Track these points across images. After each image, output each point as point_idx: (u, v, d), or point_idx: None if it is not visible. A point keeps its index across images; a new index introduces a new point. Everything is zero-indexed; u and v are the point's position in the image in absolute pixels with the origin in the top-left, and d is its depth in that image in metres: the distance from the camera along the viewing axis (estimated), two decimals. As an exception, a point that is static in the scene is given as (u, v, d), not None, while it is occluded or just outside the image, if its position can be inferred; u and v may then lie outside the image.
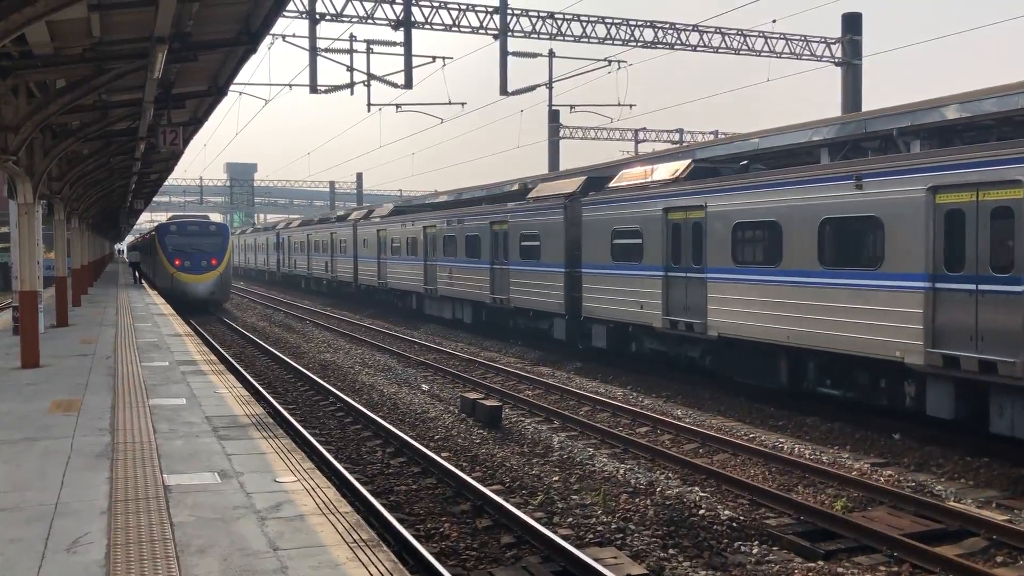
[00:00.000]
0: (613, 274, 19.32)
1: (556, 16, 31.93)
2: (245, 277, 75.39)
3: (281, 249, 58.27)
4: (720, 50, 33.87)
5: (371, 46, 29.25)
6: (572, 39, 32.28)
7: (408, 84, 28.78)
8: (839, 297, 13.30)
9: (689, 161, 18.57)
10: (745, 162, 17.47)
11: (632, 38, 32.79)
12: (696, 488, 10.49)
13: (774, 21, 34.14)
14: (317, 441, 12.57)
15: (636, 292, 18.46)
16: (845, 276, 13.25)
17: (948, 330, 11.72)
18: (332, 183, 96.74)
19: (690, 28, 33.45)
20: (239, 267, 77.76)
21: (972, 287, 11.54)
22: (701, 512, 9.48)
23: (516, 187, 28.42)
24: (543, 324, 23.15)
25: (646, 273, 18.19)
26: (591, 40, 32.49)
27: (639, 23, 32.89)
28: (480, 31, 30.63)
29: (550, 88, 39.72)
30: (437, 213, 30.55)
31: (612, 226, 19.29)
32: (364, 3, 28.37)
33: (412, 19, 28.80)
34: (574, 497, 10.12)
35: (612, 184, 20.19)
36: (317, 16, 28.00)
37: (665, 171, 18.64)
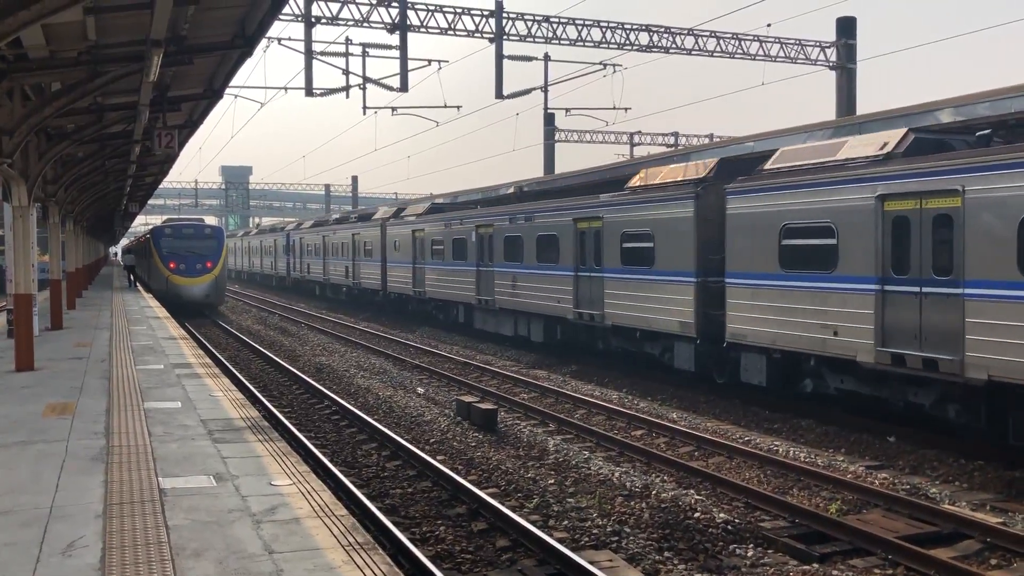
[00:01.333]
0: (783, 287, 14.48)
1: (551, 20, 31.97)
2: (249, 282, 71.75)
3: (292, 252, 52.84)
4: (715, 54, 33.94)
5: (367, 49, 29.29)
6: (567, 43, 32.32)
7: (404, 87, 28.81)
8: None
9: (904, 130, 13.76)
10: (988, 131, 12.84)
11: (627, 42, 32.84)
12: (692, 491, 10.49)
13: (769, 25, 34.32)
14: (312, 444, 12.56)
15: (825, 312, 13.64)
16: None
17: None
18: (327, 186, 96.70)
19: (685, 32, 33.52)
20: (242, 271, 73.67)
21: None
22: (697, 515, 9.48)
23: (593, 177, 24.47)
24: (652, 348, 18.22)
25: (842, 286, 13.39)
26: (586, 44, 32.54)
27: (634, 27, 32.94)
28: (476, 34, 30.66)
29: (545, 91, 39.79)
30: (495, 210, 25.70)
31: (782, 221, 14.53)
32: (360, 7, 28.39)
33: (408, 22, 28.83)
34: (570, 500, 10.12)
35: (772, 166, 15.30)
36: (313, 19, 28.01)
37: (866, 145, 13.87)
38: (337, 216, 50.35)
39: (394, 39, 28.88)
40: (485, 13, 30.81)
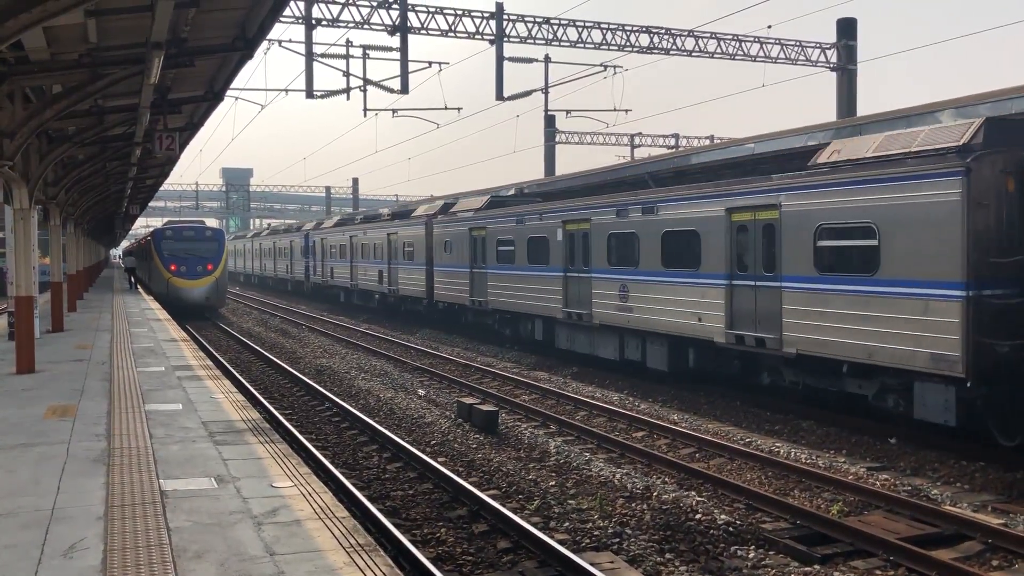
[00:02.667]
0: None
1: (552, 21, 31.99)
2: (261, 287, 66.76)
3: (312, 255, 47.46)
4: (715, 55, 33.96)
5: (367, 51, 29.33)
6: (568, 44, 32.35)
7: (404, 89, 28.84)
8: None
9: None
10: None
11: (628, 43, 32.87)
12: (692, 492, 10.49)
13: (769, 27, 34.29)
14: (314, 446, 12.56)
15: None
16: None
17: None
18: (328, 188, 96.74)
19: (685, 33, 33.54)
20: (252, 275, 69.17)
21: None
22: (697, 516, 9.48)
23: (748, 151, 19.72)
24: (865, 387, 13.36)
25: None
26: (587, 45, 32.57)
27: (635, 28, 32.96)
28: (476, 36, 30.68)
29: (546, 93, 39.82)
30: (592, 201, 20.30)
31: None
32: (360, 8, 28.42)
33: (408, 24, 28.86)
34: (571, 502, 10.12)
35: None
36: (313, 21, 28.04)
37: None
38: (363, 215, 45.24)
39: (395, 41, 28.92)
40: (486, 15, 30.85)
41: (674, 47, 33.37)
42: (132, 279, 43.26)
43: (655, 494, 10.39)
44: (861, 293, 12.83)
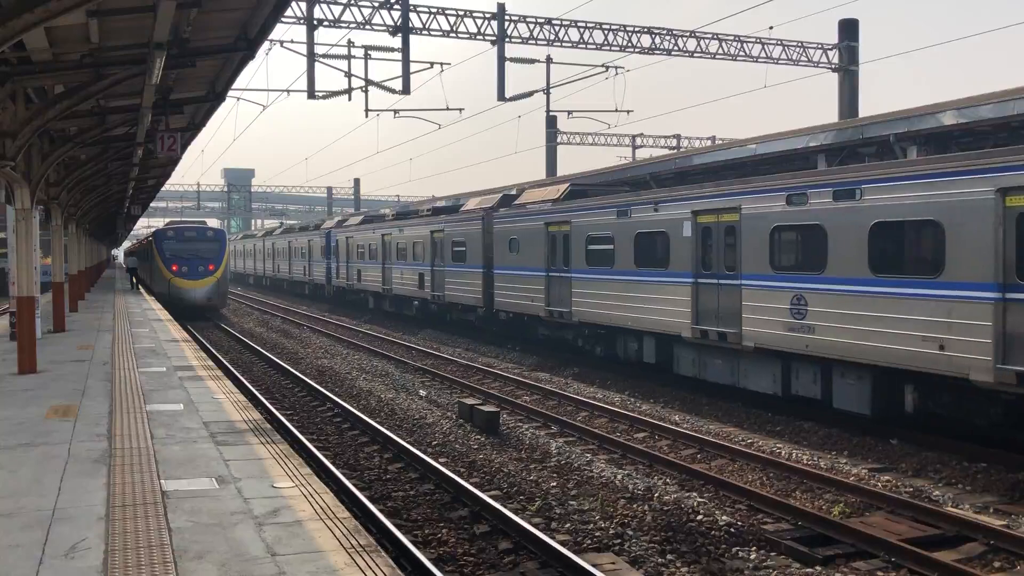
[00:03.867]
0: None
1: (554, 22, 32.00)
2: (273, 290, 61.69)
3: (334, 255, 42.83)
4: (717, 56, 33.96)
5: (369, 52, 29.36)
6: (570, 45, 32.37)
7: (406, 90, 28.86)
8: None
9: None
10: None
11: (629, 44, 32.87)
12: (694, 494, 10.48)
13: (771, 27, 34.29)
14: (315, 447, 12.56)
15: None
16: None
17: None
18: (330, 188, 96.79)
19: (687, 34, 33.54)
20: (264, 277, 64.07)
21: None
22: (699, 518, 9.47)
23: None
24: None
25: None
26: (589, 46, 32.58)
27: (636, 29, 32.97)
28: (478, 37, 30.69)
29: (547, 94, 39.83)
30: (745, 186, 15.33)
31: None
32: (362, 9, 28.43)
33: (410, 25, 28.87)
34: (572, 503, 10.11)
35: None
36: (315, 22, 28.06)
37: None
38: (396, 211, 40.08)
39: (396, 42, 28.94)
40: (487, 15, 30.87)
41: (676, 48, 33.37)
42: (133, 279, 43.29)
43: (656, 495, 10.38)
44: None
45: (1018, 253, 10.77)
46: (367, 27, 28.55)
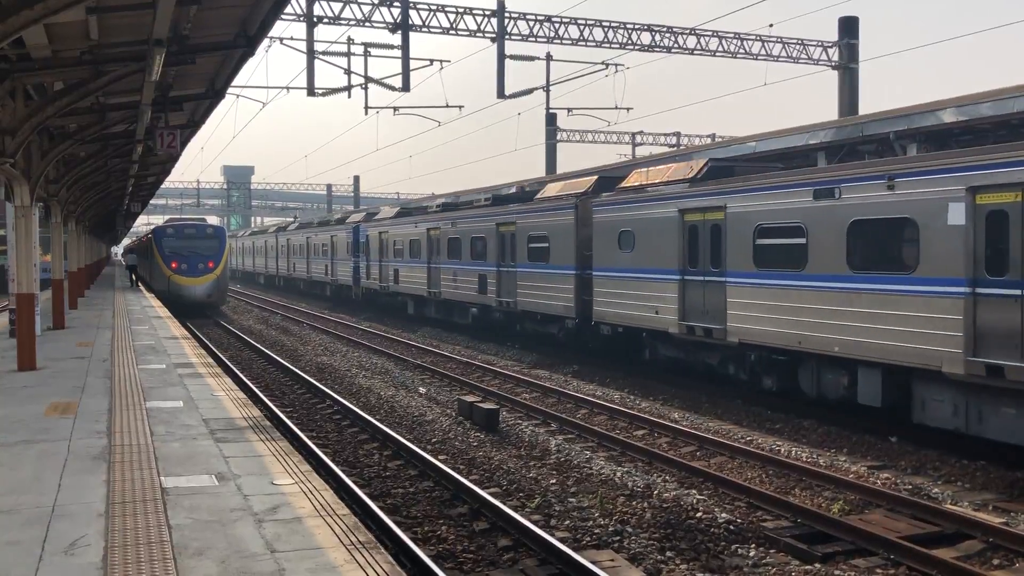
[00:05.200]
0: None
1: (553, 19, 31.98)
2: (287, 290, 56.48)
3: (364, 253, 37.90)
4: (717, 53, 33.94)
5: (369, 49, 29.33)
6: (569, 42, 32.34)
7: (406, 87, 28.83)
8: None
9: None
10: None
11: (629, 41, 32.85)
12: (693, 491, 10.49)
13: (771, 25, 34.28)
14: (314, 444, 12.57)
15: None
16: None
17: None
18: (329, 186, 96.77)
19: (687, 32, 33.52)
20: (276, 277, 59.21)
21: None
22: (698, 515, 9.48)
23: None
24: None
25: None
26: (588, 43, 32.56)
27: (636, 26, 32.94)
28: (478, 34, 30.67)
29: (547, 91, 39.83)
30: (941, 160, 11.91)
31: None
32: (362, 6, 28.41)
33: (410, 22, 28.85)
34: (571, 500, 10.12)
35: None
36: (315, 19, 28.03)
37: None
38: (442, 201, 34.05)
39: (396, 39, 28.91)
40: (487, 13, 30.84)
41: (676, 45, 33.35)
42: (133, 276, 43.29)
43: (656, 492, 10.39)
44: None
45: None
46: (367, 24, 28.52)
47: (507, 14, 31.09)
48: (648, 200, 17.99)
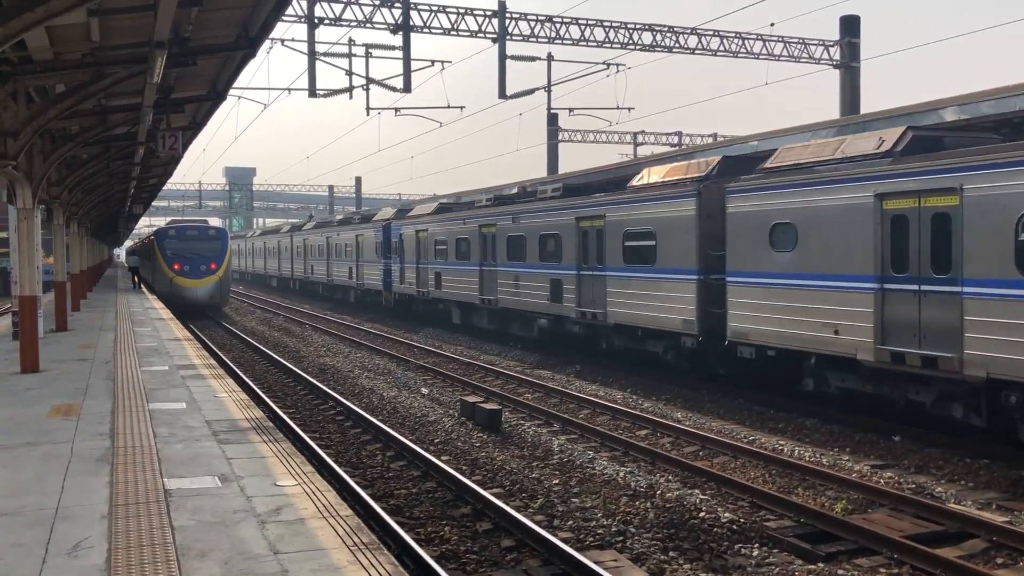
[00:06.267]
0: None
1: (555, 19, 31.99)
2: (303, 295, 51.65)
3: (396, 255, 33.51)
4: (718, 53, 33.93)
5: (370, 50, 29.36)
6: (571, 42, 32.36)
7: (407, 88, 28.85)
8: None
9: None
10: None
11: (631, 41, 32.85)
12: (696, 491, 10.48)
13: (772, 24, 34.27)
14: (317, 445, 12.57)
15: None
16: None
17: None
18: (331, 187, 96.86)
19: (688, 31, 33.51)
20: (291, 280, 54.42)
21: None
22: (701, 515, 9.47)
23: None
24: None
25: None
26: (590, 43, 32.57)
27: (637, 26, 32.95)
28: (479, 35, 30.68)
29: (549, 91, 39.83)
30: None
31: None
32: (363, 7, 28.43)
33: (411, 23, 28.86)
34: (574, 500, 10.11)
35: None
36: (316, 20, 28.06)
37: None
38: (497, 193, 29.31)
39: (397, 40, 28.95)
40: (488, 13, 30.85)
41: (677, 45, 33.35)
42: (135, 278, 43.33)
43: (659, 492, 10.38)
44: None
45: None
46: (368, 25, 28.54)
47: (508, 15, 31.11)
48: (819, 183, 13.65)
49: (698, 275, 16.46)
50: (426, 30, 29.61)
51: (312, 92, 29.43)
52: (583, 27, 32.33)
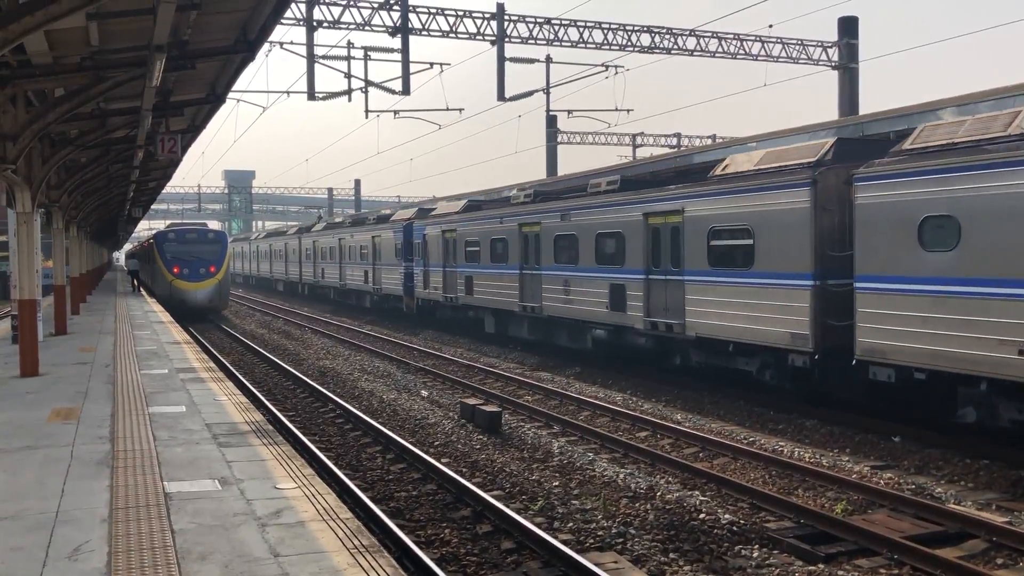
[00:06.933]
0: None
1: (553, 21, 32.02)
2: (312, 300, 48.80)
3: (422, 257, 30.84)
4: (717, 54, 33.97)
5: (369, 53, 29.41)
6: (569, 44, 32.40)
7: (406, 90, 28.90)
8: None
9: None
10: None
11: (629, 43, 32.88)
12: (696, 492, 10.49)
13: (771, 26, 34.31)
14: (317, 448, 12.58)
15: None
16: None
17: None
18: (330, 190, 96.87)
19: (687, 33, 33.54)
20: (299, 283, 51.70)
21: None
22: (701, 516, 9.48)
23: None
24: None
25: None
26: (588, 45, 32.60)
27: (636, 28, 32.98)
28: (477, 37, 30.72)
29: (547, 93, 39.85)
30: None
31: None
32: (361, 10, 28.46)
33: (409, 26, 28.90)
34: (574, 502, 10.12)
35: None
36: (315, 23, 28.09)
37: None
38: (537, 188, 26.21)
39: (396, 42, 29.00)
40: (487, 16, 30.89)
41: (675, 47, 33.38)
42: (135, 282, 43.33)
43: (659, 494, 10.39)
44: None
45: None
46: (367, 28, 28.58)
47: (507, 17, 31.14)
48: (992, 166, 11.03)
49: (813, 280, 13.79)
50: (425, 32, 29.65)
51: (311, 95, 29.48)
52: (582, 29, 32.37)
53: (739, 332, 15.24)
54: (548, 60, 37.45)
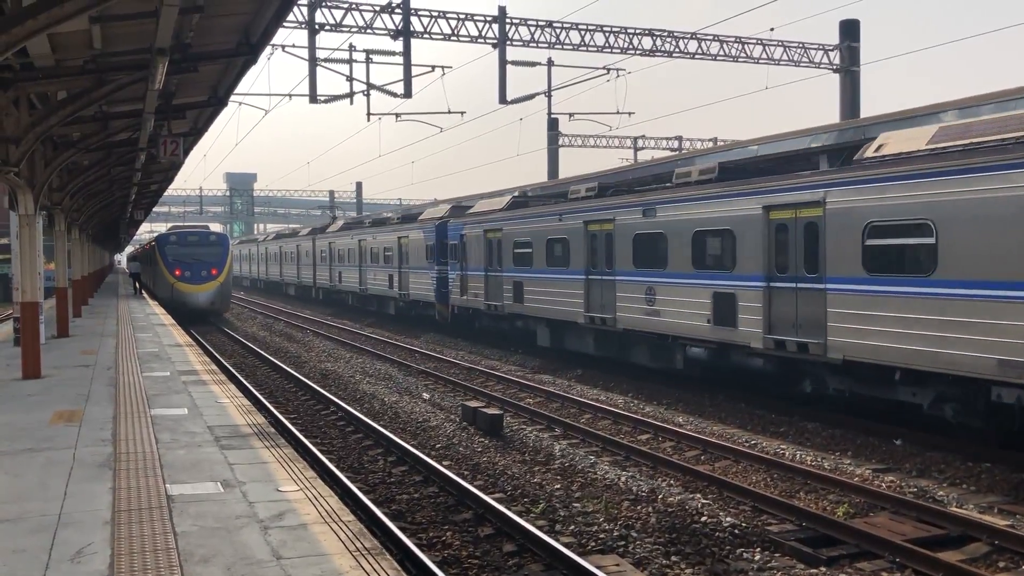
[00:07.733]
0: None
1: (555, 24, 32.05)
2: (327, 304, 46.19)
3: (460, 260, 27.56)
4: (718, 58, 33.98)
5: (370, 56, 29.40)
6: (571, 47, 32.42)
7: (407, 93, 28.91)
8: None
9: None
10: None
11: (631, 46, 32.91)
12: (698, 495, 10.48)
13: (772, 29, 34.34)
14: (319, 450, 12.58)
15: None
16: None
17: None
18: (332, 192, 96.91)
19: (688, 36, 33.57)
20: (314, 287, 48.30)
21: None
22: (703, 519, 9.47)
23: None
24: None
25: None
26: (590, 48, 32.63)
27: (637, 31, 33.00)
28: (479, 40, 30.75)
29: (549, 96, 39.88)
30: None
31: None
32: (363, 13, 28.50)
33: (411, 29, 28.93)
34: (576, 505, 10.11)
35: None
36: (317, 26, 28.13)
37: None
38: (601, 179, 24.86)
39: (398, 45, 29.02)
40: (488, 19, 30.92)
41: (677, 50, 33.40)
42: (136, 284, 43.36)
43: (660, 496, 10.38)
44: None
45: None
46: (368, 31, 28.62)
47: (508, 20, 31.17)
48: None
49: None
50: (426, 36, 29.69)
51: (313, 98, 29.50)
52: (583, 32, 32.39)
53: (910, 356, 11.92)
54: (550, 63, 37.50)
